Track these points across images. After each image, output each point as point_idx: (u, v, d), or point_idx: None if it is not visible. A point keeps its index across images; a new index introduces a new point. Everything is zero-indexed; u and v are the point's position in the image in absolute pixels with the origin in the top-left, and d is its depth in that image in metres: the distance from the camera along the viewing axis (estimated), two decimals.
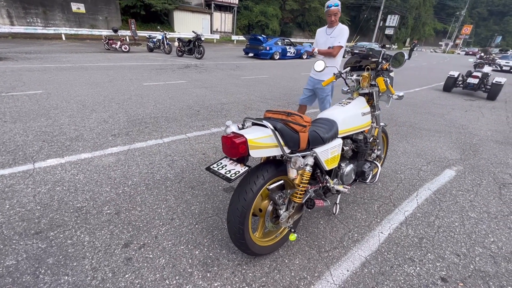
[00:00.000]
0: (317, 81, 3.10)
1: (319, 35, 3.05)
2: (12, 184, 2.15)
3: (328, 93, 3.13)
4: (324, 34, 2.97)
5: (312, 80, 3.18)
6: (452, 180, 2.76)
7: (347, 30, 2.84)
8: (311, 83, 3.21)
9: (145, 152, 2.86)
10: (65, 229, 1.73)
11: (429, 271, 1.62)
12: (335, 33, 2.87)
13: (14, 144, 2.81)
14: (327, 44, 2.94)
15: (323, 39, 2.97)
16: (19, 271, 1.42)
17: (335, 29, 2.88)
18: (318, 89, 3.14)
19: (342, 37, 2.84)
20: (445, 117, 5.29)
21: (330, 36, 2.89)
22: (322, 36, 2.99)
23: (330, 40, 2.91)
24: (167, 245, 1.67)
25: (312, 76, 3.16)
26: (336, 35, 2.85)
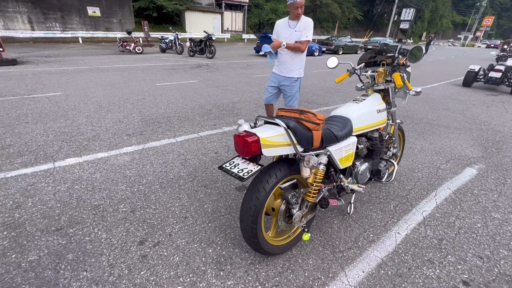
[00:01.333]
0: (282, 78, 2.88)
1: (280, 28, 2.74)
2: (34, 182, 2.24)
3: (297, 90, 2.94)
4: (287, 27, 2.68)
5: (277, 77, 2.94)
6: (473, 179, 2.64)
7: (312, 22, 2.63)
8: (276, 80, 2.97)
9: (158, 151, 2.91)
10: (83, 226, 1.79)
11: (450, 274, 1.55)
12: (300, 26, 2.61)
13: (35, 144, 2.93)
14: (293, 38, 2.66)
15: (287, 32, 2.68)
16: (41, 266, 1.48)
17: (300, 22, 2.61)
18: (285, 86, 2.91)
19: (309, 31, 2.61)
20: (465, 113, 5.07)
21: (295, 30, 2.62)
22: (285, 29, 2.69)
23: (295, 34, 2.64)
24: (181, 243, 1.69)
25: (277, 73, 2.93)
26: (302, 28, 2.60)
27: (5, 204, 1.96)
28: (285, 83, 2.89)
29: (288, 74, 2.84)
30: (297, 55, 2.75)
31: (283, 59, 2.80)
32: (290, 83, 2.88)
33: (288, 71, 2.83)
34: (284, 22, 2.73)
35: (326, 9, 31.08)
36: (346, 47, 18.14)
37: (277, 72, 2.94)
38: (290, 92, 2.93)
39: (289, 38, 2.68)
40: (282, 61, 2.82)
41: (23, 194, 2.08)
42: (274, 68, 2.98)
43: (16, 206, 1.94)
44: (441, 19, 50.51)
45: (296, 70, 2.82)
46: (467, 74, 7.71)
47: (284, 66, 2.82)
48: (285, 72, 2.84)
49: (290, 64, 2.79)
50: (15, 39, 14.37)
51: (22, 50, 11.22)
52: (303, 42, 2.66)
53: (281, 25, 2.75)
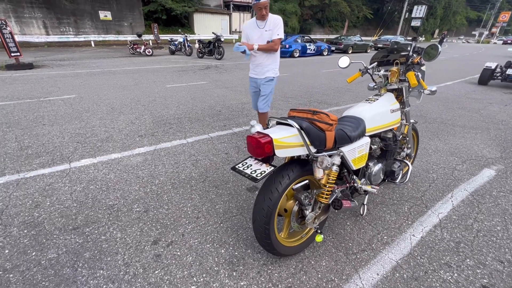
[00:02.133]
0: (260, 80, 2.84)
1: (249, 29, 2.66)
2: (52, 182, 2.31)
3: (271, 90, 2.87)
4: (256, 28, 2.60)
5: (255, 81, 2.89)
6: (492, 180, 2.55)
7: (281, 19, 2.58)
8: (256, 85, 2.92)
9: (170, 152, 2.95)
10: (99, 225, 1.83)
11: (469, 278, 1.51)
12: (269, 25, 2.55)
13: (52, 146, 3.02)
14: (264, 38, 2.60)
15: (257, 33, 2.61)
16: (60, 263, 1.52)
17: (269, 21, 2.56)
18: (261, 86, 2.87)
19: (279, 29, 2.56)
20: (482, 112, 4.91)
21: (265, 30, 2.56)
22: (255, 31, 2.62)
23: (266, 34, 2.59)
24: (193, 243, 1.70)
25: (254, 77, 2.87)
26: (272, 27, 2.55)
27: (25, 203, 2.03)
28: (261, 82, 2.86)
29: (264, 75, 2.80)
30: (271, 55, 2.71)
31: (258, 61, 2.75)
32: (265, 82, 2.83)
33: (264, 73, 2.78)
34: (252, 23, 2.64)
35: (335, 8, 30.75)
36: (356, 46, 17.90)
37: (254, 75, 2.87)
38: (264, 91, 2.85)
39: (260, 38, 2.61)
40: (257, 63, 2.77)
41: (41, 193, 2.15)
42: (250, 72, 2.91)
43: (35, 206, 2.01)
44: (454, 15, 49.08)
45: (271, 70, 2.78)
46: (483, 71, 7.46)
47: (259, 68, 2.78)
48: (261, 73, 2.80)
49: (265, 65, 2.75)
50: (31, 44, 14.88)
51: (37, 54, 11.61)
52: (275, 41, 2.61)
53: (249, 27, 2.66)
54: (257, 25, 2.61)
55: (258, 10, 2.48)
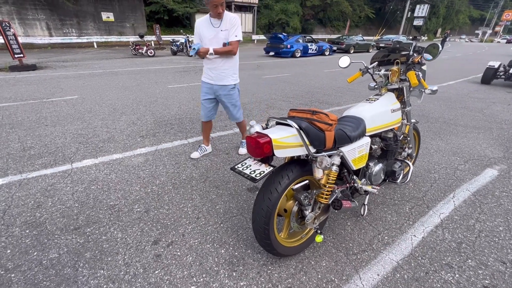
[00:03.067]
0: (217, 87, 2.51)
1: (203, 28, 2.34)
2: (54, 183, 2.33)
3: (237, 99, 2.61)
4: (210, 27, 2.31)
5: (211, 87, 2.54)
6: (494, 180, 2.53)
7: (239, 18, 2.34)
8: (210, 91, 2.56)
9: (171, 153, 2.96)
10: (100, 225, 1.84)
11: (470, 279, 1.50)
12: (225, 24, 2.29)
13: (54, 146, 3.04)
14: (220, 39, 2.32)
15: (211, 33, 2.31)
16: (61, 263, 1.53)
17: (225, 20, 2.29)
18: (223, 96, 2.54)
19: (237, 29, 2.31)
20: (484, 111, 4.87)
21: (221, 29, 2.29)
22: (209, 29, 2.32)
23: (222, 34, 2.30)
24: (193, 243, 1.71)
25: (209, 82, 2.53)
26: (229, 27, 2.29)
27: (27, 203, 2.05)
28: (221, 92, 2.53)
29: (221, 82, 2.49)
30: (229, 59, 2.43)
31: (213, 64, 2.43)
32: (228, 92, 2.53)
33: (222, 78, 2.47)
34: (206, 21, 2.33)
35: (337, 8, 30.70)
36: (358, 45, 17.85)
37: (208, 80, 2.53)
38: (230, 102, 2.58)
39: (215, 39, 2.32)
40: (212, 67, 2.45)
41: (43, 194, 2.17)
42: (204, 76, 2.56)
43: (37, 206, 2.02)
44: (457, 14, 48.79)
45: (230, 76, 2.48)
46: (486, 70, 7.41)
47: (215, 72, 2.46)
48: (218, 79, 2.48)
49: (222, 70, 2.45)
50: (34, 45, 15.01)
51: (41, 56, 11.70)
52: (233, 43, 2.33)
53: (202, 25, 2.34)
54: (211, 24, 2.30)
55: (213, 8, 2.19)
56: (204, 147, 2.89)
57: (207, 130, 2.84)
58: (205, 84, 2.58)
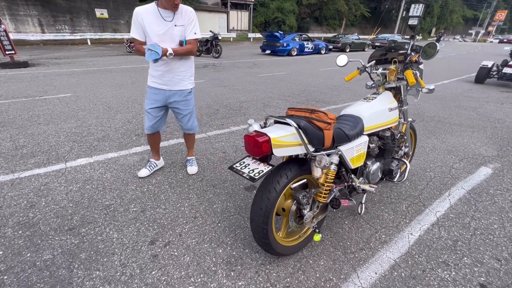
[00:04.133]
0: (171, 93, 2.12)
1: (148, 19, 1.87)
2: (47, 182, 2.29)
3: (193, 105, 2.28)
4: (159, 19, 1.87)
5: (162, 94, 2.12)
6: (488, 179, 2.56)
7: (194, 12, 2.01)
8: (161, 98, 2.14)
9: (167, 151, 2.93)
10: (95, 225, 1.81)
11: (466, 277, 1.51)
12: (181, 19, 1.92)
13: (47, 145, 2.99)
14: (174, 36, 1.94)
15: (162, 27, 1.89)
16: (55, 265, 1.50)
17: (179, 13, 1.92)
18: (178, 102, 2.17)
19: (196, 25, 1.98)
20: (478, 110, 4.93)
21: (175, 24, 1.91)
22: (157, 23, 1.88)
23: (177, 31, 1.93)
24: (191, 243, 1.69)
25: (160, 88, 2.10)
26: (185, 22, 1.94)
27: (19, 203, 2.00)
28: (177, 98, 2.15)
29: (177, 87, 2.11)
30: (187, 60, 2.09)
31: (167, 67, 2.03)
32: (184, 97, 2.16)
33: (177, 83, 2.10)
34: (152, 12, 1.87)
35: (333, 6, 30.74)
36: (353, 44, 17.92)
37: (160, 86, 2.10)
38: (186, 109, 2.22)
39: (167, 36, 1.92)
40: (165, 69, 2.03)
41: (36, 194, 2.13)
42: (153, 81, 2.11)
43: (30, 206, 1.98)
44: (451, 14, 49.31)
45: (187, 79, 2.14)
46: (479, 70, 7.50)
47: (170, 76, 2.06)
48: (174, 84, 2.09)
49: (178, 73, 2.07)
50: (26, 42, 14.70)
51: (33, 53, 11.47)
52: (192, 42, 1.99)
53: (148, 16, 1.87)
54: (161, 16, 1.87)
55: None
56: (154, 163, 2.48)
57: (156, 142, 2.42)
58: (155, 91, 2.13)
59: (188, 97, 2.20)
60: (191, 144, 2.55)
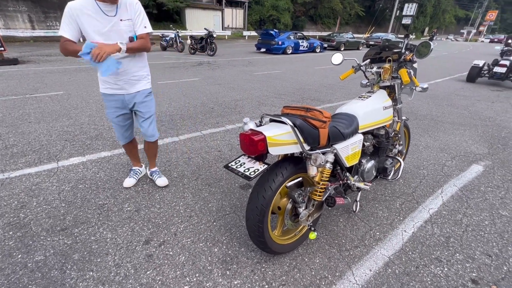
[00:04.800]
0: (132, 95, 1.89)
1: (87, 17, 1.58)
2: (38, 182, 2.24)
3: (154, 106, 2.08)
4: (101, 16, 1.60)
5: (122, 98, 1.89)
6: (480, 176, 2.61)
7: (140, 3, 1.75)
8: (122, 104, 1.92)
9: (162, 150, 2.90)
10: (88, 226, 1.78)
11: (458, 272, 1.54)
12: (126, 12, 1.67)
13: (39, 144, 2.93)
14: (121, 31, 1.68)
15: (104, 23, 1.62)
16: (47, 266, 1.47)
17: (124, 6, 1.66)
18: (139, 104, 1.94)
19: (144, 18, 1.74)
20: (470, 109, 5.02)
21: (120, 19, 1.65)
22: (97, 18, 1.60)
23: (124, 26, 1.67)
24: (186, 242, 1.68)
25: (117, 93, 1.87)
26: (133, 15, 1.69)
27: (10, 204, 1.96)
28: (137, 100, 1.93)
29: (135, 88, 1.89)
30: (141, 57, 1.86)
31: (122, 68, 1.75)
32: (144, 99, 1.95)
33: (134, 84, 1.87)
34: (91, 6, 1.58)
35: (328, 5, 30.82)
36: (348, 43, 18.02)
37: (116, 91, 1.86)
38: (148, 112, 2.01)
39: (113, 32, 1.65)
40: (119, 71, 1.75)
41: (27, 194, 2.08)
42: (106, 87, 1.85)
43: (21, 206, 1.94)
44: (443, 13, 49.96)
45: (144, 79, 1.93)
46: (471, 69, 7.62)
47: (125, 78, 1.82)
48: (130, 86, 1.86)
49: (134, 73, 1.85)
50: (16, 38, 14.34)
51: (23, 50, 11.21)
52: (145, 36, 1.75)
53: (86, 11, 1.57)
54: (101, 11, 1.59)
55: None
56: (137, 170, 2.32)
57: (134, 150, 2.25)
58: (112, 97, 1.88)
59: (148, 98, 1.99)
60: (153, 153, 2.28)
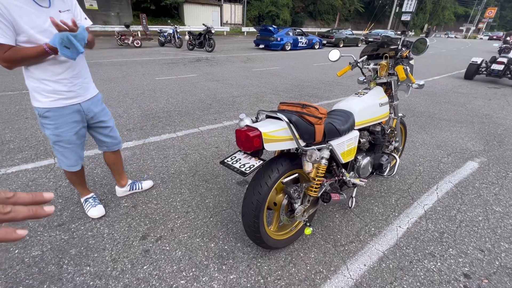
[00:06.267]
0: (88, 103, 1.60)
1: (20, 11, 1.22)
2: (35, 178, 2.24)
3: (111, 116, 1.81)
4: (36, 8, 1.28)
5: (78, 108, 1.55)
6: (475, 173, 2.64)
7: None
8: (80, 117, 1.58)
9: (159, 146, 2.90)
10: (85, 221, 1.79)
11: (451, 267, 1.56)
12: (62, 2, 1.39)
13: (35, 140, 2.92)
14: None
15: (43, 18, 1.30)
16: (44, 261, 1.48)
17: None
18: (100, 113, 1.69)
19: (80, 9, 1.51)
20: (467, 106, 5.04)
21: (59, 10, 1.37)
22: (35, 12, 1.28)
23: (64, 17, 1.36)
24: (183, 237, 1.69)
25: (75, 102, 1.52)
26: (70, 6, 1.43)
27: None
28: (95, 108, 1.65)
29: (89, 93, 1.61)
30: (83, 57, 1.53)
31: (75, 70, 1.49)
32: (101, 104, 1.72)
33: (88, 88, 1.60)
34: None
35: (327, 1, 30.64)
36: (347, 39, 17.95)
37: (72, 101, 1.51)
38: (110, 117, 1.79)
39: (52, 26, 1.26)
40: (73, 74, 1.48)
41: (24, 190, 2.08)
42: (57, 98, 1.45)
43: None
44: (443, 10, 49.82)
45: (91, 80, 1.65)
46: (469, 66, 7.63)
47: (79, 82, 1.53)
48: (85, 91, 1.57)
49: (85, 74, 1.58)
50: None
51: None
52: (89, 31, 1.50)
53: (16, 5, 1.22)
54: (35, 2, 1.29)
55: None
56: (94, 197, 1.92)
57: (83, 173, 1.84)
58: (67, 110, 1.50)
59: (101, 102, 1.74)
60: (121, 165, 2.01)
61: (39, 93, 1.42)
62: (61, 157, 1.62)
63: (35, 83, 1.40)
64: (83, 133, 1.67)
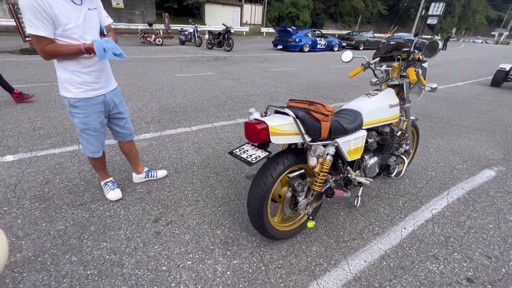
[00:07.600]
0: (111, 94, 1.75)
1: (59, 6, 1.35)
2: (62, 162, 2.44)
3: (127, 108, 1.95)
4: (71, 4, 1.41)
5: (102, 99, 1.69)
6: (490, 181, 2.56)
7: None
8: (103, 106, 1.71)
9: (174, 139, 3.05)
10: (104, 203, 1.94)
11: (454, 270, 1.56)
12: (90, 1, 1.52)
13: (63, 128, 3.15)
14: (92, 22, 1.53)
15: (76, 13, 1.43)
16: (67, 234, 1.64)
17: None
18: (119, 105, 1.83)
19: (103, 9, 1.68)
20: (490, 114, 4.83)
21: (88, 8, 1.50)
22: (71, 9, 1.41)
23: (92, 15, 1.53)
24: (191, 223, 1.80)
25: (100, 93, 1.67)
26: (96, 4, 1.58)
27: (36, 179, 2.16)
28: (116, 99, 1.80)
29: (112, 84, 1.77)
30: None
31: (103, 63, 1.66)
32: (120, 96, 1.86)
33: (110, 80, 1.76)
34: None
35: (349, 3, 30.12)
36: (368, 42, 17.59)
37: (98, 92, 1.65)
38: (126, 112, 1.92)
39: (87, 23, 1.49)
40: (101, 67, 1.64)
41: (51, 171, 2.28)
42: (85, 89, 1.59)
43: (45, 182, 2.13)
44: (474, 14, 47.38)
45: (112, 74, 1.80)
46: (496, 73, 7.28)
47: (105, 74, 1.69)
48: (108, 83, 1.73)
49: (109, 67, 1.75)
50: None
51: None
52: (111, 28, 1.71)
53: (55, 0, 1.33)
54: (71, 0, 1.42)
55: None
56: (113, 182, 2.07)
57: (104, 162, 2.02)
58: (94, 101, 1.65)
59: (120, 95, 1.87)
60: (136, 153, 2.15)
61: (70, 84, 1.56)
62: (86, 144, 1.77)
63: (67, 75, 1.54)
64: (105, 123, 1.82)
